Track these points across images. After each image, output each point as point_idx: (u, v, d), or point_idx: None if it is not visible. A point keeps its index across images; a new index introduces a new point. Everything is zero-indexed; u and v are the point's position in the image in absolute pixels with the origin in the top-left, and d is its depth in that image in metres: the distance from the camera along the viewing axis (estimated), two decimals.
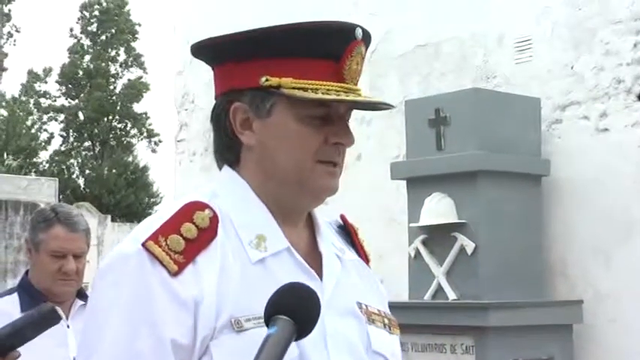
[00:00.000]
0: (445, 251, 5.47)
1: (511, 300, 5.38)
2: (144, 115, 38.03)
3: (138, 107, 37.77)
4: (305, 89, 1.74)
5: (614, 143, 5.69)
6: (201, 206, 1.75)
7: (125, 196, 34.10)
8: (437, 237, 5.52)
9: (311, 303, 1.52)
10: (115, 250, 1.75)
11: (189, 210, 1.74)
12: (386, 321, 1.92)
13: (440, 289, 5.38)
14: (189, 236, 1.70)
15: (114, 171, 35.75)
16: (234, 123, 1.81)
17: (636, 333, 5.47)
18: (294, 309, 1.49)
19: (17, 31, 37.30)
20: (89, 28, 37.42)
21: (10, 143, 36.12)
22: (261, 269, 1.75)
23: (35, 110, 37.81)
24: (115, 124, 37.70)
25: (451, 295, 5.37)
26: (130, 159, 37.21)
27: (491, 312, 5.18)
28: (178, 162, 8.51)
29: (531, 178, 5.76)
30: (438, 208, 5.46)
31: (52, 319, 2.00)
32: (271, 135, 1.79)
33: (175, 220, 1.72)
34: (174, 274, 1.66)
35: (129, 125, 37.91)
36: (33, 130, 37.16)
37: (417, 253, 5.46)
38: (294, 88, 1.74)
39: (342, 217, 2.08)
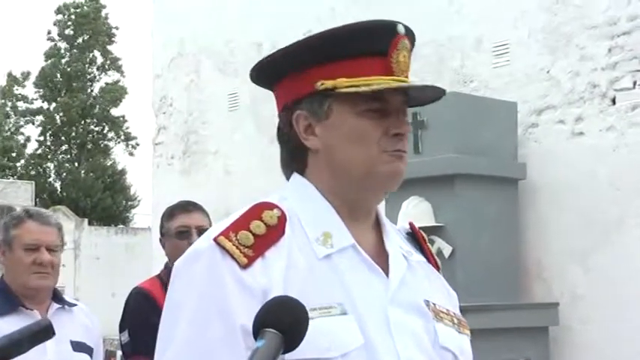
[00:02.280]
0: None
1: (488, 303, 5.41)
2: (121, 119, 38.03)
3: (115, 111, 37.87)
4: (358, 86, 1.78)
5: (590, 147, 5.74)
6: (269, 206, 1.81)
7: (102, 200, 34.07)
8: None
9: (299, 316, 1.53)
10: (189, 248, 1.83)
11: (259, 209, 1.80)
12: (455, 320, 1.96)
13: None
14: (259, 232, 1.76)
15: (91, 174, 35.77)
16: (299, 130, 1.85)
17: (612, 335, 5.53)
18: (282, 322, 1.50)
19: None
20: (66, 32, 37.37)
21: None
22: (328, 264, 1.79)
23: (12, 114, 37.79)
24: (93, 127, 37.69)
25: None
26: (108, 162, 37.24)
27: (469, 315, 5.06)
28: (156, 165, 8.50)
29: (508, 182, 5.80)
30: (416, 212, 5.48)
31: (47, 334, 2.01)
32: (334, 135, 1.83)
33: (245, 218, 1.78)
34: (244, 267, 1.72)
35: (106, 129, 37.91)
36: (8, 134, 37.13)
37: None
38: (349, 85, 1.79)
39: (411, 224, 2.11)
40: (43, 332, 2.02)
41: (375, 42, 1.84)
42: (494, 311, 5.39)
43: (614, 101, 5.67)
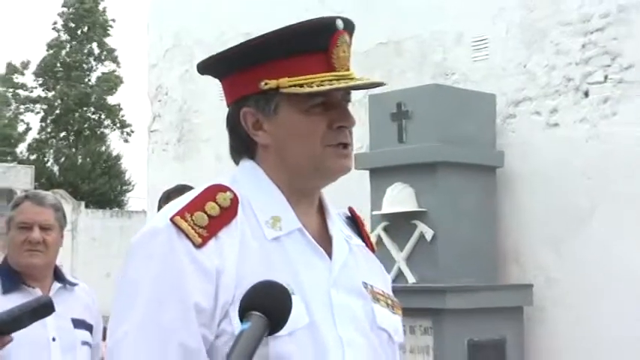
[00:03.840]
0: (405, 238, 5.51)
1: (467, 284, 5.44)
2: (117, 107, 38.00)
3: (111, 99, 37.84)
4: (301, 85, 1.80)
5: (564, 137, 5.76)
6: (223, 188, 1.81)
7: (99, 184, 34.06)
8: (398, 224, 5.55)
9: (283, 300, 1.56)
10: (146, 226, 1.83)
11: (213, 191, 1.81)
12: (389, 302, 1.98)
13: (400, 274, 5.42)
14: (213, 213, 1.76)
15: (88, 160, 35.65)
16: (247, 126, 1.87)
17: (582, 315, 5.58)
18: (267, 306, 1.52)
19: None
20: (69, 24, 37.37)
21: None
22: (276, 246, 1.80)
23: (13, 101, 37.68)
24: (90, 115, 37.62)
25: (410, 279, 5.41)
26: (104, 148, 37.16)
27: (449, 295, 5.23)
28: (151, 151, 8.48)
29: (486, 169, 5.81)
30: (399, 197, 5.48)
31: (48, 310, 2.06)
32: (281, 131, 1.84)
33: (200, 199, 1.78)
34: (199, 246, 1.72)
35: (102, 116, 37.84)
36: (6, 121, 37.07)
37: (379, 239, 5.45)
38: (290, 86, 1.80)
39: (350, 209, 2.14)
40: (43, 308, 2.06)
41: (316, 39, 1.85)
42: (473, 292, 5.41)
43: (587, 94, 5.69)
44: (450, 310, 5.21)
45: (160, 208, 4.56)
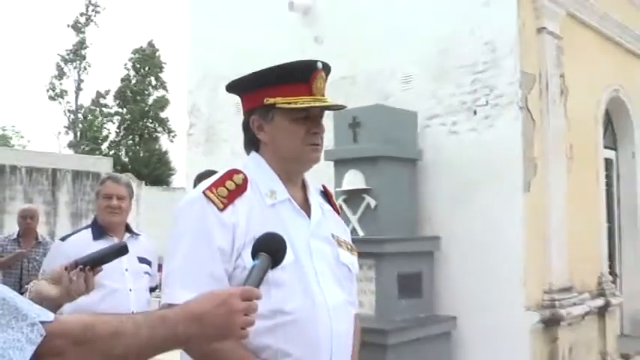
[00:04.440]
0: (357, 206, 5.49)
1: (397, 236, 5.46)
2: (166, 119, 38.35)
3: (162, 114, 38.26)
4: (289, 103, 1.82)
5: (460, 141, 5.80)
6: (237, 171, 1.84)
7: (154, 170, 34.26)
8: (352, 197, 5.52)
9: (280, 245, 1.55)
10: (185, 198, 1.84)
11: (231, 173, 1.83)
12: (349, 246, 2.00)
13: (354, 230, 5.41)
14: (230, 188, 1.79)
15: (147, 154, 35.99)
16: (254, 128, 1.90)
17: (471, 256, 5.65)
18: (271, 248, 1.52)
19: (89, 65, 37.81)
20: (136, 65, 37.69)
21: (86, 136, 36.55)
22: (273, 210, 1.83)
23: (100, 115, 38.23)
24: (149, 124, 37.87)
25: (361, 233, 5.42)
26: (157, 147, 37.45)
27: (386, 244, 5.23)
28: (188, 148, 8.41)
29: (411, 161, 5.82)
30: (354, 179, 5.50)
31: (124, 251, 2.12)
32: (275, 132, 1.87)
33: (222, 179, 1.81)
34: (221, 210, 1.75)
35: (157, 125, 38.21)
36: (95, 128, 37.52)
37: (340, 207, 5.30)
38: (283, 103, 1.83)
39: (324, 186, 2.14)
40: (120, 250, 2.11)
41: (302, 73, 1.85)
42: (401, 242, 5.44)
43: (475, 113, 5.73)
44: (387, 254, 5.23)
45: (195, 185, 4.64)
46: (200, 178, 4.55)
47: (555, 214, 5.81)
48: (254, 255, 1.52)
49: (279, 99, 1.83)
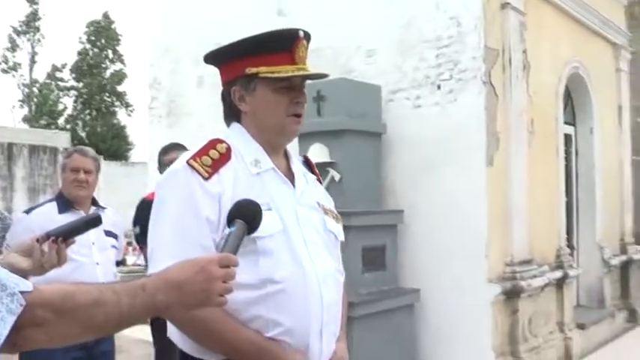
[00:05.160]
0: (322, 178, 5.44)
1: (362, 209, 5.47)
2: (123, 93, 38.04)
3: (120, 88, 37.92)
4: (273, 72, 1.80)
5: (423, 115, 5.82)
6: (221, 141, 1.82)
7: (111, 144, 33.93)
8: (318, 170, 5.54)
9: (256, 211, 1.55)
10: (169, 169, 1.82)
11: (214, 143, 1.81)
12: (334, 215, 2.01)
13: None
14: (214, 157, 1.77)
15: (104, 128, 35.61)
16: (235, 99, 1.87)
17: (432, 227, 5.71)
18: (246, 215, 1.52)
19: (43, 37, 37.16)
20: (91, 37, 37.11)
21: (41, 110, 36.02)
22: (258, 179, 1.82)
23: (56, 89, 37.60)
24: (106, 98, 37.51)
25: None
26: (114, 121, 37.08)
27: (352, 217, 5.21)
28: (150, 122, 8.31)
29: (375, 135, 5.83)
30: (319, 152, 5.50)
31: (98, 222, 2.07)
32: (257, 103, 1.85)
33: (205, 148, 1.79)
34: (206, 179, 1.73)
35: (114, 99, 37.80)
36: (51, 102, 36.91)
37: None
38: (267, 72, 1.80)
39: (305, 156, 2.15)
40: (95, 220, 2.08)
41: (284, 42, 1.83)
42: (366, 215, 5.46)
43: (439, 87, 5.75)
44: (352, 227, 5.20)
45: (159, 158, 4.58)
46: (165, 151, 4.51)
47: (517, 188, 5.90)
48: (229, 222, 1.51)
49: (262, 68, 1.81)
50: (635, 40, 9.23)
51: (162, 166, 4.35)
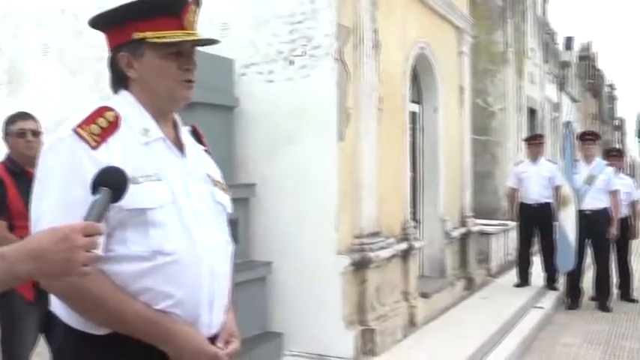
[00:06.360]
0: None
1: None
2: None
3: None
4: (160, 37, 1.77)
5: (277, 90, 5.87)
6: (109, 109, 1.78)
7: None
8: None
9: (120, 178, 1.53)
10: (53, 137, 1.74)
11: (102, 111, 1.76)
12: (223, 186, 2.01)
13: None
14: (103, 125, 1.72)
15: None
16: (122, 65, 1.83)
17: (284, 202, 5.81)
18: (111, 182, 1.50)
19: None
20: None
21: None
22: (148, 149, 1.79)
23: None
24: None
25: None
26: None
27: None
28: None
29: (228, 108, 5.84)
30: None
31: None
32: (146, 69, 1.82)
33: (92, 116, 1.74)
34: (94, 148, 1.68)
35: None
36: None
37: None
38: (154, 38, 1.78)
39: (193, 125, 2.12)
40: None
41: (173, 6, 1.80)
42: None
43: (292, 62, 5.82)
44: None
45: (5, 129, 4.34)
46: (12, 120, 4.29)
47: (367, 163, 6.11)
48: (94, 189, 1.49)
49: (149, 33, 1.78)
50: (476, 26, 9.80)
51: (9, 136, 4.16)
